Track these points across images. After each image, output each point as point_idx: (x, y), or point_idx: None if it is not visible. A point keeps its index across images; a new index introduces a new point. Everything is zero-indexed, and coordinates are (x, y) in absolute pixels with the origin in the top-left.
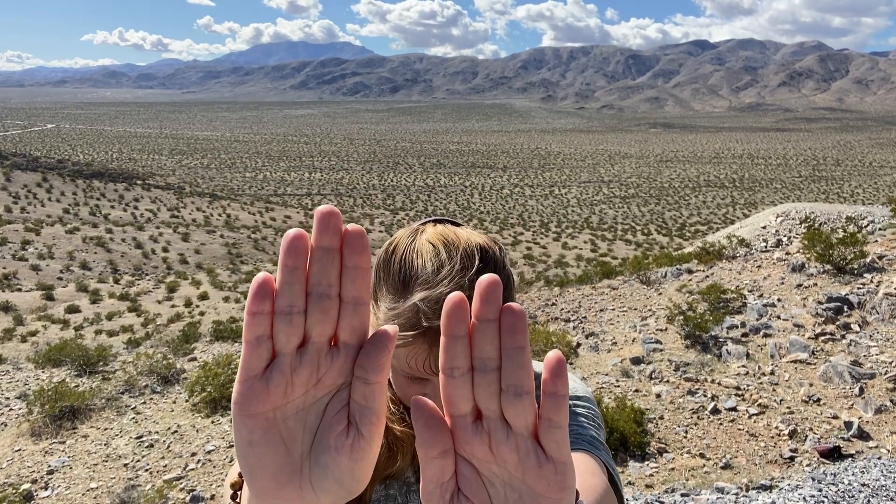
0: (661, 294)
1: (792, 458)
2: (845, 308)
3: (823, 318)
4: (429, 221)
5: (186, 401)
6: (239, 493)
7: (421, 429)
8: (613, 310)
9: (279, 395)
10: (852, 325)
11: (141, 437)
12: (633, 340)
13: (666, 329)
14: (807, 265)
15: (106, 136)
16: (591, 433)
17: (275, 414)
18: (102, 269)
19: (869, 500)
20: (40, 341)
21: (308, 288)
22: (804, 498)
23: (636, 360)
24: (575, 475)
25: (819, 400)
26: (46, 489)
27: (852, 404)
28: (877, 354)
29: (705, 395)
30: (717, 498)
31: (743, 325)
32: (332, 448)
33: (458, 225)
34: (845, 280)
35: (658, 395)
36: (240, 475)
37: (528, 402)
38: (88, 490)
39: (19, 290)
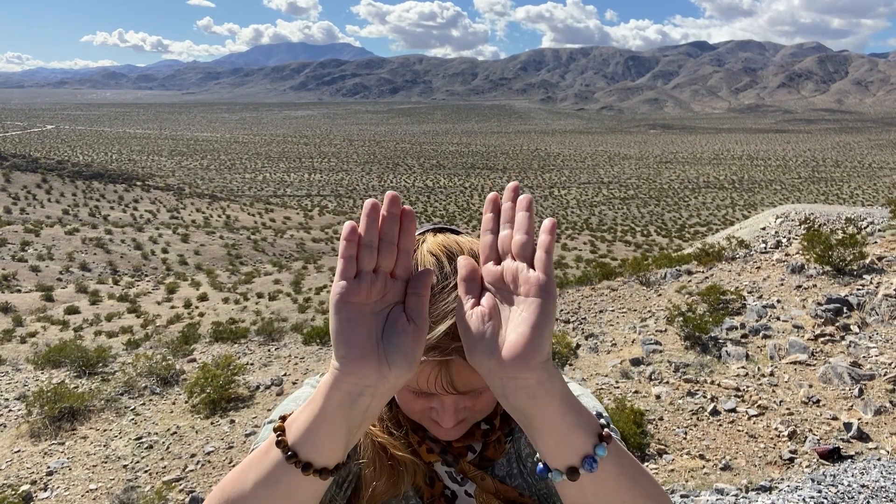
0: (660, 295)
1: (791, 460)
2: (845, 309)
3: (823, 320)
4: (428, 230)
5: (186, 402)
6: (283, 434)
7: (461, 262)
8: (613, 311)
9: (364, 294)
10: (852, 327)
11: (140, 438)
12: (632, 342)
13: (665, 330)
14: (806, 266)
15: (105, 137)
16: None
17: (360, 307)
18: (102, 271)
19: (868, 502)
20: (40, 342)
21: (380, 235)
22: (804, 499)
23: (636, 362)
24: (555, 290)
25: (818, 401)
26: (46, 490)
27: (852, 405)
28: (876, 356)
29: (705, 397)
30: (717, 499)
31: (742, 326)
32: (400, 332)
33: (457, 233)
34: (845, 281)
35: (657, 397)
36: (281, 419)
37: (527, 240)
38: (88, 491)
39: (19, 291)
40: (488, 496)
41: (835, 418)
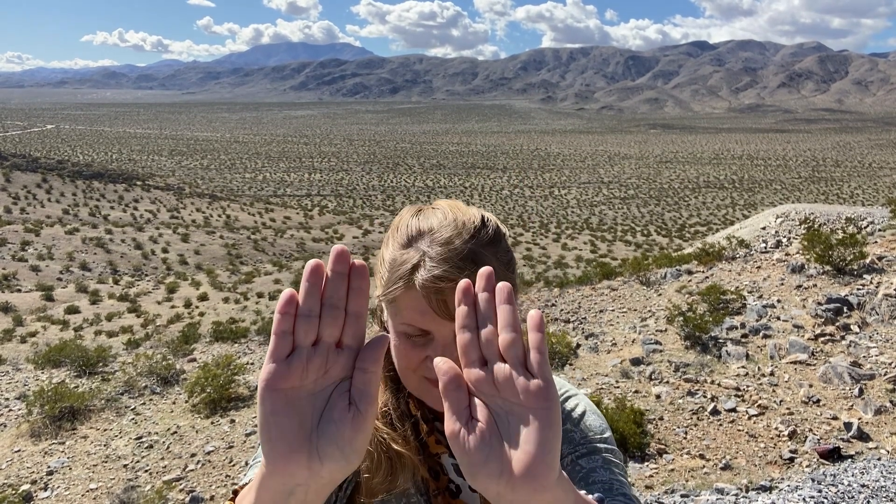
0: (660, 295)
1: (791, 459)
2: (845, 309)
3: (823, 319)
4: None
5: (186, 402)
6: None
7: (440, 367)
8: (613, 311)
9: (297, 376)
10: (852, 326)
11: (140, 437)
12: (632, 341)
13: (666, 330)
14: (806, 266)
15: (106, 136)
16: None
17: (292, 393)
18: (102, 270)
19: (868, 501)
20: (40, 342)
21: (323, 300)
22: (804, 499)
23: (636, 361)
24: (557, 394)
25: (819, 401)
26: (46, 490)
27: (852, 405)
28: (876, 355)
29: (705, 396)
30: (717, 499)
31: (743, 325)
32: (337, 420)
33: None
34: (845, 281)
35: (658, 396)
36: (234, 493)
37: (516, 338)
38: (88, 491)
39: (19, 290)
40: None
41: (835, 418)
